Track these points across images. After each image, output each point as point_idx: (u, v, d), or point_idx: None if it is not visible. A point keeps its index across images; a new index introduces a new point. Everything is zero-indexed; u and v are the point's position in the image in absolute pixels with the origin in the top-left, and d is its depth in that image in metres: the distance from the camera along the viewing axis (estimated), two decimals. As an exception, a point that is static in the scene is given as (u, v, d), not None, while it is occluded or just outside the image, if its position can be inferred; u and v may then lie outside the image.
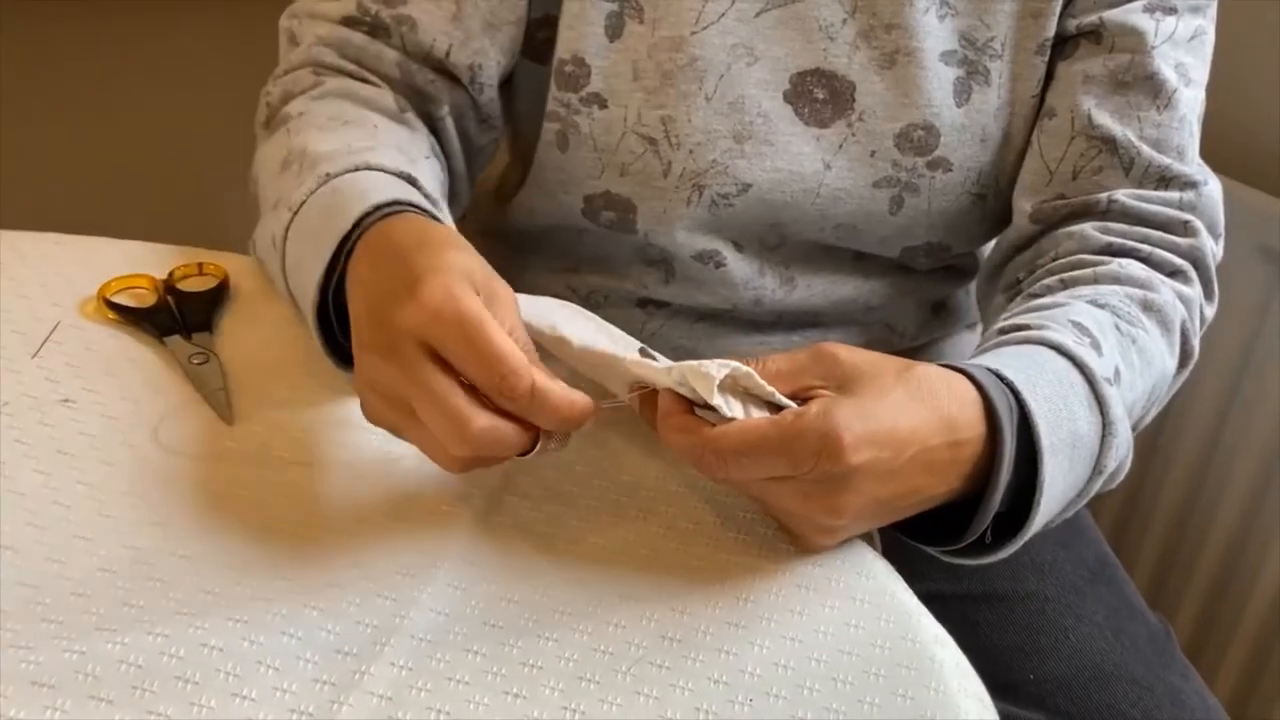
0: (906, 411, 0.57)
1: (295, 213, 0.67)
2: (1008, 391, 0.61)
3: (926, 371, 0.59)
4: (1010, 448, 0.59)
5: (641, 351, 0.61)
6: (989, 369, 0.62)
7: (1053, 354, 0.65)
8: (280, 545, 0.57)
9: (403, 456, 0.63)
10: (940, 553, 0.64)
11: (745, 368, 0.56)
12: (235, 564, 0.56)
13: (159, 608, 0.54)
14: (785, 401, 0.57)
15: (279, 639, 0.52)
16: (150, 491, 0.60)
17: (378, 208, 0.63)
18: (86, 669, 0.50)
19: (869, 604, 0.56)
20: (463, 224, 0.99)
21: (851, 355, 0.59)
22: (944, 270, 0.93)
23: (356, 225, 0.62)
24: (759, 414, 0.56)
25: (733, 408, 0.56)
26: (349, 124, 0.73)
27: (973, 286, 0.98)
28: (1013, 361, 0.63)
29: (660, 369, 0.57)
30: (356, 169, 0.68)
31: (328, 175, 0.67)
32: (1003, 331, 0.70)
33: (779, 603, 0.56)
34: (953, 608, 0.69)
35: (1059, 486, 0.61)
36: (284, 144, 0.73)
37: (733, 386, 0.56)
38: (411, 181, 0.68)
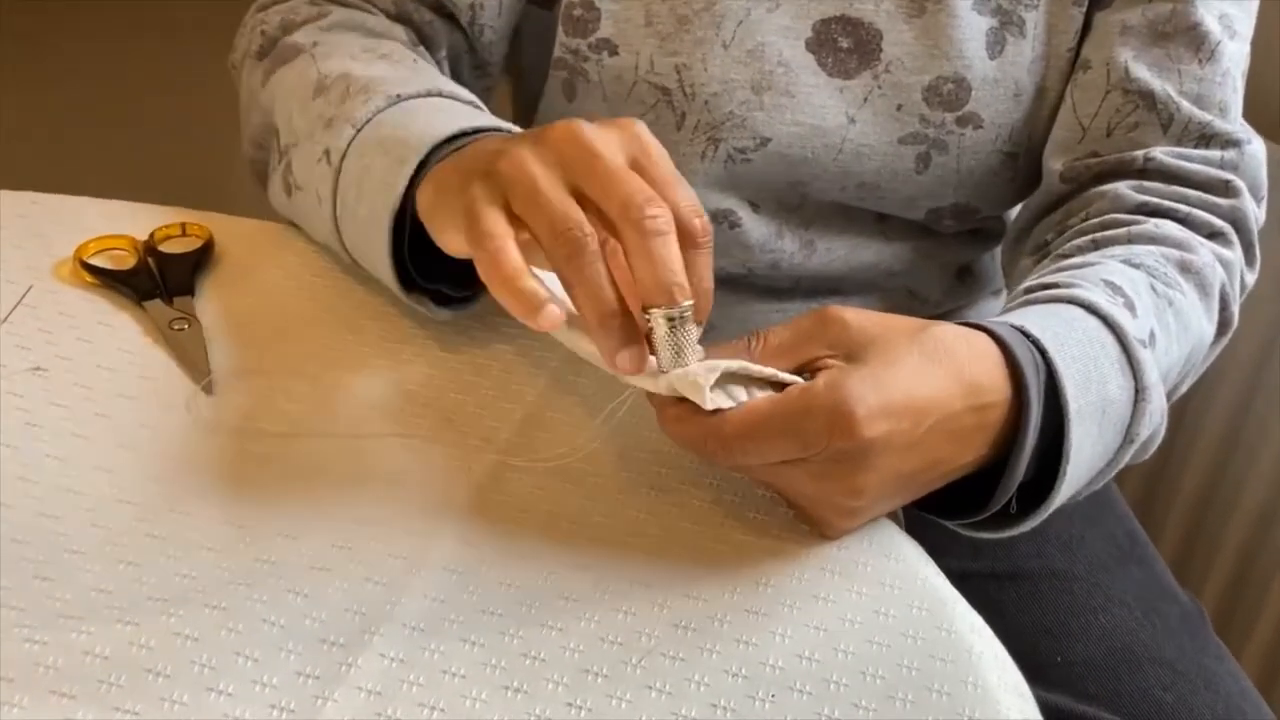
0: (924, 376, 0.52)
1: (360, 129, 0.64)
2: (1034, 350, 0.56)
3: (944, 331, 0.55)
4: (1037, 411, 0.55)
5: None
6: (1013, 326, 0.57)
7: (1083, 313, 0.60)
8: (261, 526, 0.53)
9: (396, 429, 0.59)
10: (959, 526, 0.60)
11: (736, 363, 0.52)
12: (213, 546, 0.52)
13: (129, 593, 0.49)
14: (790, 378, 0.52)
15: (259, 628, 0.48)
16: (123, 467, 0.56)
17: (477, 130, 0.61)
18: (48, 661, 0.46)
19: (899, 589, 0.52)
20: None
21: (859, 318, 0.54)
22: (969, 234, 0.89)
23: (455, 139, 0.60)
24: (764, 395, 0.52)
25: (735, 395, 0.52)
26: (387, 57, 0.70)
27: (999, 251, 0.94)
28: (1040, 319, 0.59)
29: (650, 377, 0.53)
30: (429, 94, 0.65)
31: (399, 96, 0.64)
32: (1029, 291, 0.66)
33: (802, 588, 0.52)
34: (975, 587, 0.64)
35: (1086, 454, 0.57)
36: (310, 70, 0.69)
37: (730, 379, 0.52)
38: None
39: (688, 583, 0.51)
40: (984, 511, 0.57)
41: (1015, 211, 0.87)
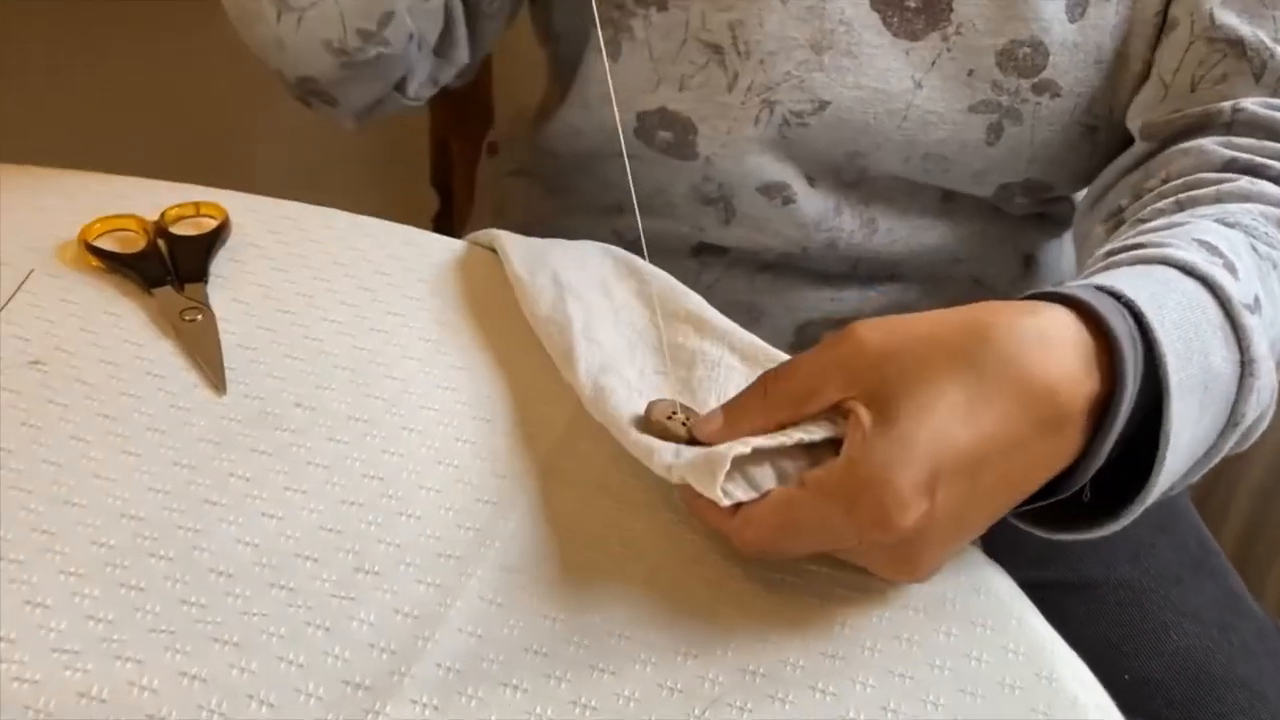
0: (975, 411, 0.44)
1: None
2: (1127, 314, 0.48)
3: (1001, 330, 0.46)
4: (1132, 390, 0.47)
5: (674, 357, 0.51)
6: (1099, 287, 0.49)
7: (1178, 273, 0.52)
8: (277, 546, 0.48)
9: (426, 438, 0.53)
10: (1031, 526, 0.52)
11: (752, 444, 0.46)
12: (224, 569, 0.47)
13: (129, 624, 0.44)
14: (823, 435, 0.46)
15: (275, 667, 0.43)
16: (127, 477, 0.50)
17: None
18: (39, 704, 0.41)
19: (992, 630, 0.46)
20: (494, 162, 0.89)
21: (883, 337, 0.46)
22: (1038, 218, 0.83)
23: None
24: (797, 466, 0.46)
25: (757, 480, 0.46)
26: None
27: (1066, 238, 0.88)
28: (1131, 280, 0.51)
29: (662, 466, 0.48)
30: None
31: None
32: (1109, 255, 0.58)
33: (884, 629, 0.46)
34: (1035, 598, 0.58)
35: (1186, 438, 0.49)
36: None
37: (754, 456, 0.46)
38: None
39: (756, 621, 0.46)
40: (1049, 498, 0.50)
41: (1083, 194, 0.81)
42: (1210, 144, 0.66)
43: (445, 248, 0.65)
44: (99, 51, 1.35)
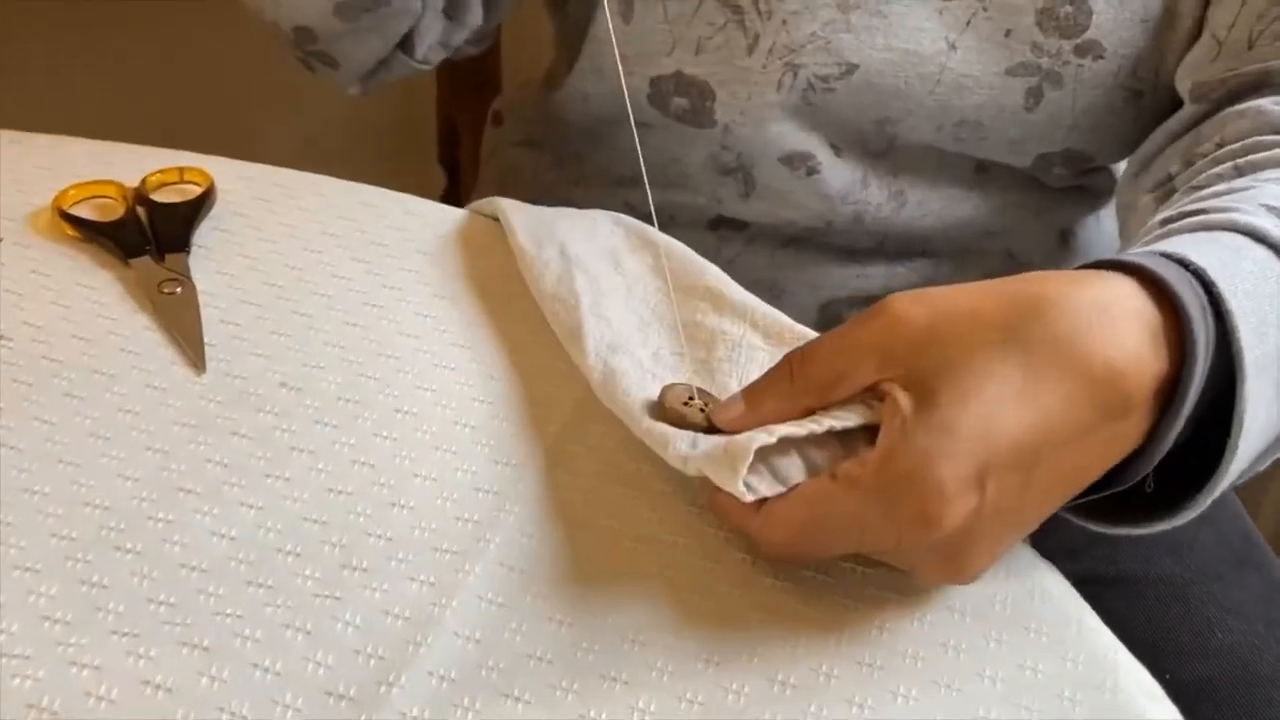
0: (1028, 398, 0.40)
1: None
2: (1196, 283, 0.43)
3: (1055, 304, 0.41)
4: (1203, 369, 0.42)
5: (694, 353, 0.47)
6: (1165, 254, 0.44)
7: (1247, 240, 0.47)
8: (255, 540, 0.43)
9: (422, 421, 0.49)
10: (1081, 518, 0.47)
11: (779, 431, 0.41)
12: (196, 564, 0.42)
13: (89, 625, 0.40)
14: (855, 422, 0.41)
15: (249, 675, 0.38)
16: (93, 462, 0.46)
17: None
18: (-18, 716, 0.37)
19: (1048, 637, 0.41)
20: (500, 132, 0.85)
21: (921, 312, 0.42)
22: (1076, 191, 0.79)
23: None
24: (827, 456, 0.42)
25: (783, 472, 0.41)
26: None
27: (1104, 214, 0.83)
28: (1198, 245, 0.46)
29: (677, 458, 0.43)
30: None
31: None
32: (1167, 222, 0.52)
33: (926, 634, 0.41)
34: None
35: (1260, 420, 0.44)
36: None
37: (780, 446, 0.41)
38: None
39: (784, 625, 0.41)
40: (1105, 489, 0.45)
41: (1124, 165, 0.76)
42: (1269, 104, 0.61)
43: (446, 217, 0.61)
44: (101, 32, 1.32)
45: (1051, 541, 0.50)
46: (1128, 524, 0.47)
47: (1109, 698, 0.39)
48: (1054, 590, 0.43)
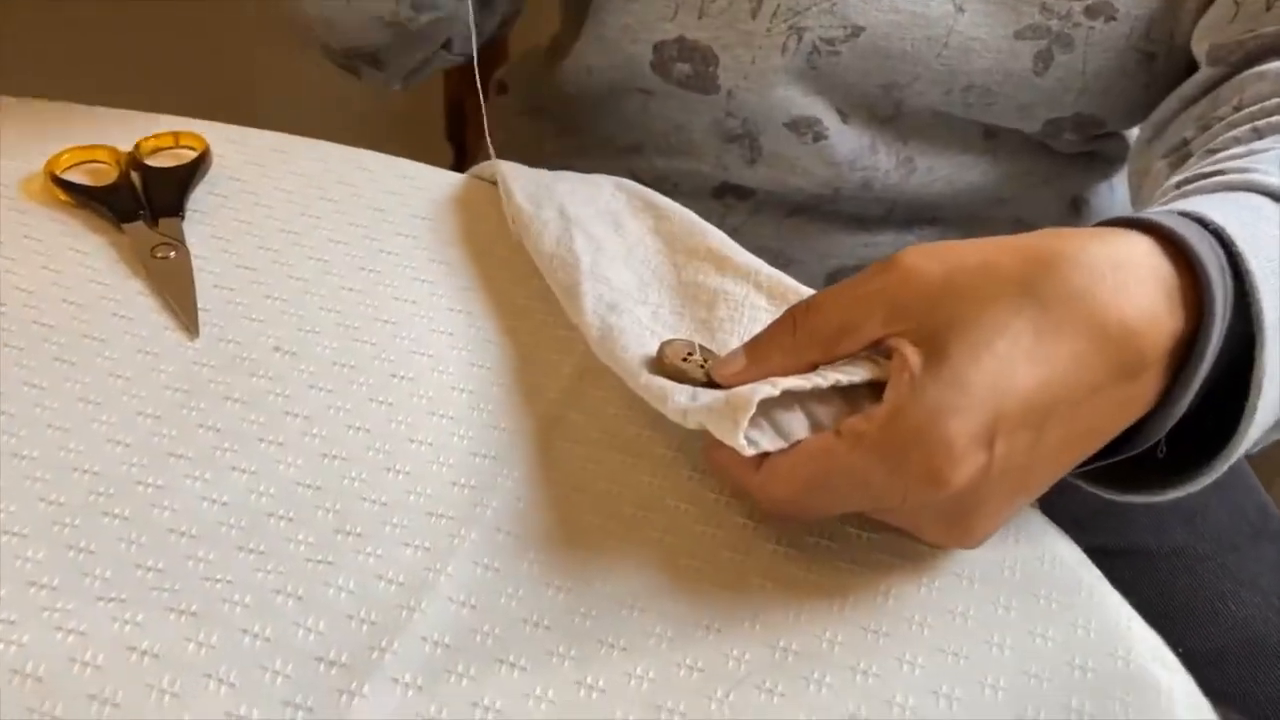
0: (1040, 355, 0.39)
1: None
2: (1215, 243, 0.42)
3: (1070, 261, 0.40)
4: (1220, 329, 0.41)
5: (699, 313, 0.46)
6: (1183, 213, 0.43)
7: (1268, 200, 0.46)
8: (246, 504, 0.42)
9: (419, 386, 0.48)
10: (1090, 484, 0.46)
11: (781, 385, 0.39)
12: (185, 529, 0.41)
13: (75, 591, 0.39)
14: (861, 377, 0.40)
15: (238, 641, 0.38)
16: (83, 427, 0.45)
17: None
18: (-35, 681, 0.36)
19: (1058, 604, 0.40)
20: (504, 101, 0.84)
21: (933, 266, 0.40)
22: (1087, 157, 0.77)
23: None
24: (832, 412, 0.40)
25: (786, 426, 0.40)
26: None
27: (1117, 181, 0.82)
28: (1217, 205, 0.44)
29: (677, 411, 0.41)
30: None
31: None
32: (1184, 184, 0.51)
33: (933, 600, 0.40)
34: None
35: (1278, 387, 0.43)
36: None
37: (783, 400, 0.40)
38: None
39: (787, 591, 0.40)
40: (1116, 454, 0.44)
41: (1136, 131, 0.75)
42: None
43: (445, 181, 0.60)
44: (101, 6, 1.31)
45: (1058, 511, 0.49)
46: (1140, 491, 0.46)
47: (1120, 665, 0.38)
48: (1065, 556, 0.42)
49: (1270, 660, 0.67)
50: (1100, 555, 0.71)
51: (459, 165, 1.11)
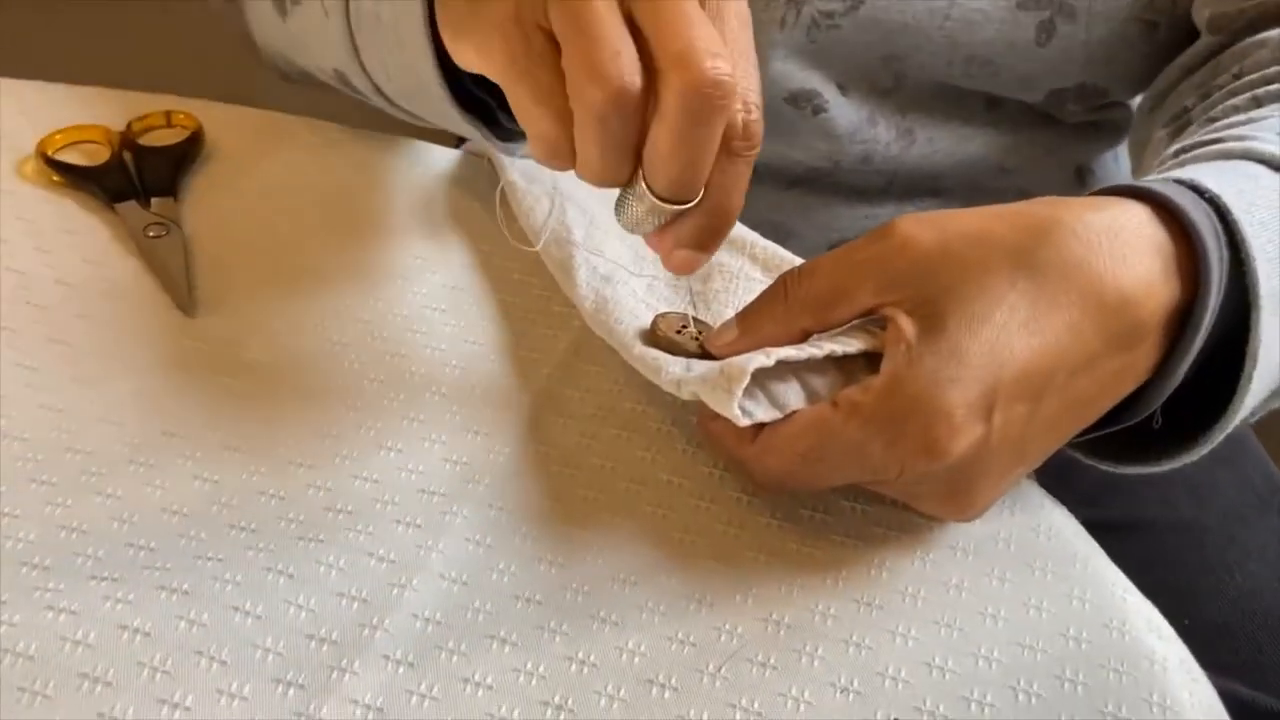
0: (1037, 325, 0.38)
1: None
2: (1211, 211, 0.42)
3: (1066, 229, 0.40)
4: (1216, 298, 0.41)
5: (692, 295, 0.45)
6: (1179, 181, 0.43)
7: (1264, 169, 0.46)
8: (239, 482, 0.42)
9: (412, 363, 0.47)
10: (1087, 455, 0.46)
11: (776, 355, 0.39)
12: (177, 508, 0.41)
13: (67, 570, 0.39)
14: (856, 348, 0.40)
15: (228, 619, 0.37)
16: (75, 406, 0.45)
17: None
18: (-44, 661, 0.36)
19: (1053, 575, 0.40)
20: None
21: (929, 235, 0.40)
22: (1091, 126, 0.76)
23: None
24: (828, 383, 0.40)
25: (781, 397, 0.39)
26: None
27: (1121, 151, 0.81)
28: (1213, 173, 0.44)
29: (671, 381, 0.41)
30: None
31: None
32: (1182, 152, 0.51)
33: (928, 573, 0.40)
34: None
35: (1276, 356, 0.43)
36: None
37: (778, 369, 0.39)
38: None
39: (779, 564, 0.40)
40: (1113, 425, 0.44)
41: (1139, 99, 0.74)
42: None
43: (440, 157, 0.59)
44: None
45: (1064, 484, 0.49)
46: (1137, 463, 0.46)
47: (1116, 637, 0.38)
48: (1061, 528, 0.42)
49: (1277, 632, 0.67)
50: (1107, 529, 0.70)
51: (456, 141, 1.10)
